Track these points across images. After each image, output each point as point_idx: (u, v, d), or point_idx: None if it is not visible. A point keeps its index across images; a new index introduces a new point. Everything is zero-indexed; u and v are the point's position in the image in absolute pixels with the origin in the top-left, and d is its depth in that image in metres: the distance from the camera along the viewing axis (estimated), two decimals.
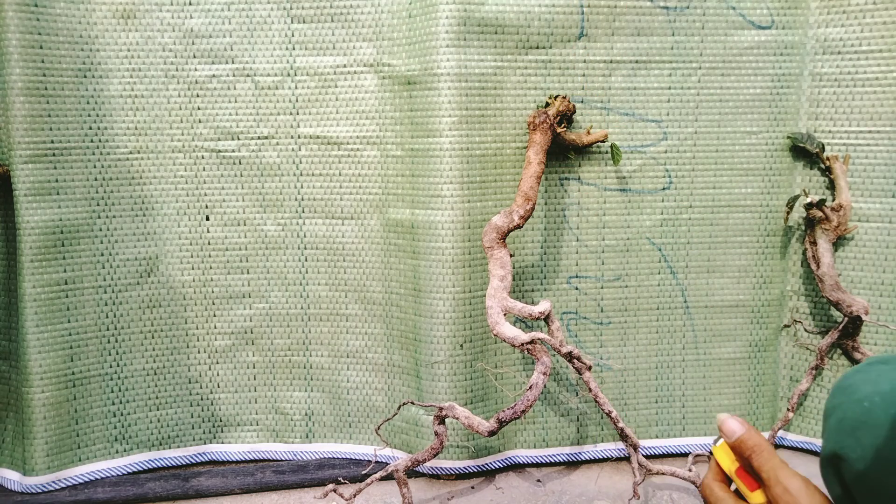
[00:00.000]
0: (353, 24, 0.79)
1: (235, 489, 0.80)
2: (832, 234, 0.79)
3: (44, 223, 0.76)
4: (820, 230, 0.80)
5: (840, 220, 0.79)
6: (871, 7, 0.77)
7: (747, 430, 0.47)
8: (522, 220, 0.73)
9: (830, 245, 0.79)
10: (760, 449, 0.46)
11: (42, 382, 0.76)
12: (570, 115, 0.78)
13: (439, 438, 0.70)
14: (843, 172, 0.80)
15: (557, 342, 0.71)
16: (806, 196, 0.79)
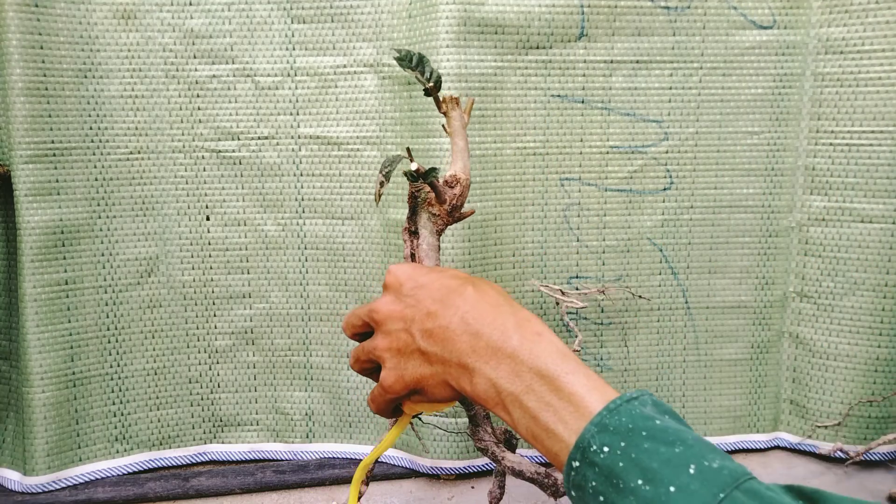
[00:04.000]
0: (353, 24, 0.79)
1: (236, 489, 0.80)
2: (441, 223, 0.52)
3: (44, 223, 0.76)
4: (426, 215, 0.53)
5: (456, 200, 0.52)
6: (873, 6, 0.77)
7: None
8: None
9: (436, 239, 0.53)
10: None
11: (42, 382, 0.77)
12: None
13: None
14: (462, 126, 0.52)
15: None
16: (411, 159, 0.51)
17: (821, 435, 0.85)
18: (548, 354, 0.37)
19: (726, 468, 0.30)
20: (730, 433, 0.87)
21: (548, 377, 0.36)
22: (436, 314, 0.41)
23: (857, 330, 0.82)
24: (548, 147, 0.81)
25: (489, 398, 0.38)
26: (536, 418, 0.36)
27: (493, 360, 0.38)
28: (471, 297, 0.41)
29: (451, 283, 0.43)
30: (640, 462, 0.31)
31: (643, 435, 0.32)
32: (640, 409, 0.33)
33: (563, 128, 0.81)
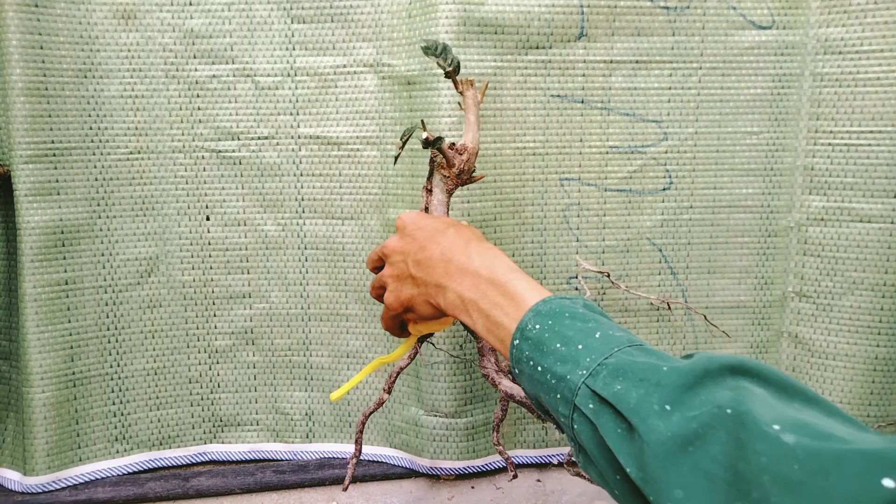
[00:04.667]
0: (353, 24, 0.79)
1: (236, 489, 0.80)
2: (451, 184, 0.63)
3: (44, 223, 0.76)
4: (439, 176, 0.63)
5: (464, 165, 0.62)
6: (872, 7, 0.77)
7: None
8: None
9: (446, 197, 0.64)
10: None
11: (42, 382, 0.77)
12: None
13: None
14: (475, 104, 0.63)
15: None
16: (424, 129, 0.60)
17: None
18: (499, 268, 0.48)
19: (626, 335, 0.39)
20: None
21: (498, 283, 0.47)
22: (424, 248, 0.53)
23: (856, 329, 0.82)
24: (547, 147, 0.81)
25: (456, 307, 0.49)
26: (489, 316, 0.46)
27: (458, 278, 0.49)
28: (450, 235, 0.53)
29: (439, 225, 0.55)
30: (560, 332, 0.40)
31: (566, 315, 0.41)
32: (567, 302, 0.43)
33: (562, 128, 0.81)
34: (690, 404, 0.32)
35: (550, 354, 0.40)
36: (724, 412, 0.30)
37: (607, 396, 0.35)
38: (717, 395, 0.32)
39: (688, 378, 0.33)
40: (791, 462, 0.26)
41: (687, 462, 0.30)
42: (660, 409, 0.32)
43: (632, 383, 0.35)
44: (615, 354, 0.37)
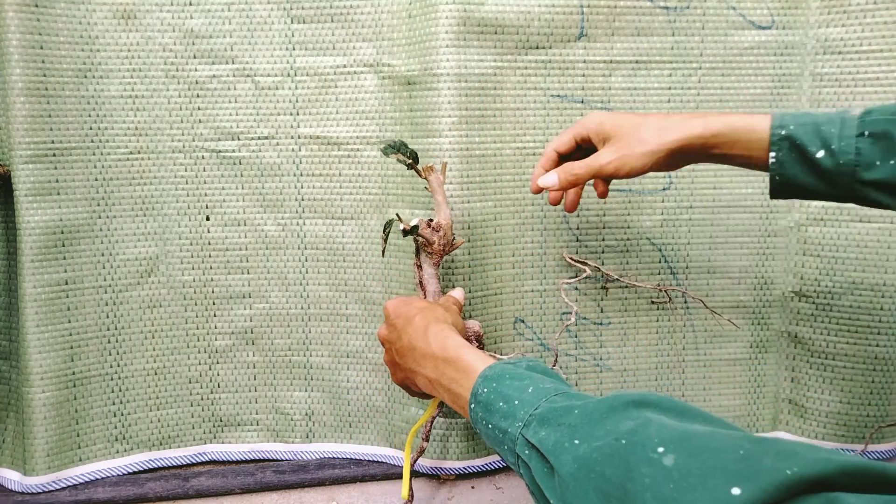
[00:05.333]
0: (353, 24, 0.79)
1: (236, 489, 0.80)
2: (436, 258, 0.71)
3: (44, 223, 0.76)
4: (424, 254, 0.71)
5: (443, 240, 0.70)
6: (871, 7, 0.77)
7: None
8: None
9: (435, 270, 0.71)
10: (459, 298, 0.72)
11: (42, 382, 0.77)
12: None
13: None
14: (440, 185, 0.70)
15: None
16: (400, 221, 0.69)
17: (820, 435, 0.85)
18: (450, 346, 0.56)
19: (554, 386, 0.47)
20: None
21: (451, 360, 0.54)
22: (400, 337, 0.62)
23: (856, 329, 0.82)
24: None
25: (427, 387, 0.58)
26: (450, 389, 0.54)
27: (423, 362, 0.58)
28: (416, 322, 0.60)
29: (410, 312, 0.62)
30: (502, 392, 0.48)
31: (507, 377, 0.49)
32: (510, 366, 0.51)
33: (562, 128, 0.81)
34: (596, 436, 0.37)
35: (496, 412, 0.47)
36: (620, 442, 0.35)
37: (535, 443, 0.42)
38: (619, 425, 0.37)
39: (594, 415, 0.39)
40: (668, 481, 0.32)
41: (591, 485, 0.35)
42: (570, 444, 0.38)
43: (552, 428, 0.41)
44: (542, 405, 0.44)
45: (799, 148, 0.55)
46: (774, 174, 0.56)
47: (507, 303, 0.82)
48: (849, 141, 0.53)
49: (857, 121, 0.54)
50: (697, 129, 0.60)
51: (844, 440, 0.84)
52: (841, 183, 0.54)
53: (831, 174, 0.54)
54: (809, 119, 0.55)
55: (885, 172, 0.52)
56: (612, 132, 0.63)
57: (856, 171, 0.53)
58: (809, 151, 0.54)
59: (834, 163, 0.53)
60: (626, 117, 0.64)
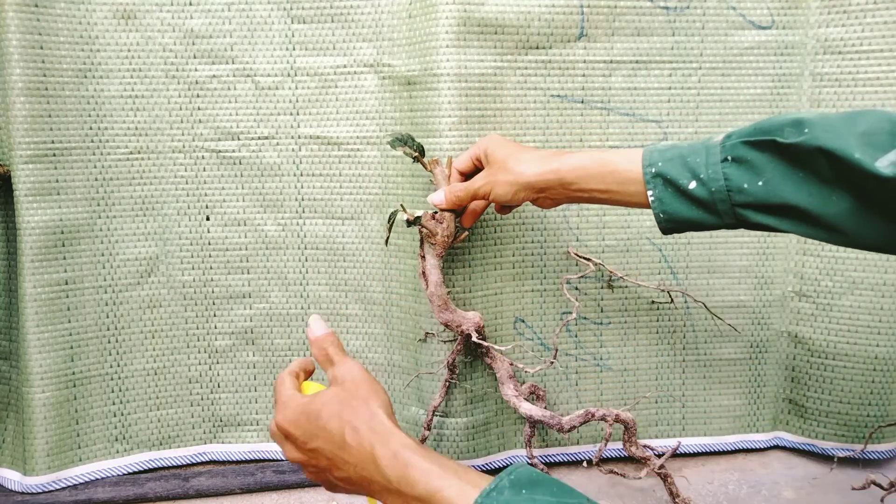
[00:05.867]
0: (353, 24, 0.79)
1: (236, 489, 0.80)
2: (439, 249, 0.71)
3: (44, 223, 0.76)
4: (427, 245, 0.71)
5: (446, 231, 0.70)
6: (871, 7, 0.77)
7: (329, 332, 0.57)
8: None
9: (438, 261, 0.71)
10: (337, 342, 0.56)
11: (42, 382, 0.77)
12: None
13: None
14: (444, 178, 0.71)
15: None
16: (404, 212, 0.69)
17: (820, 434, 0.85)
18: (420, 481, 0.43)
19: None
20: (729, 433, 0.87)
21: (424, 500, 0.43)
22: (336, 466, 0.47)
23: (856, 329, 0.82)
24: (547, 147, 0.81)
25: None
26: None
27: (387, 497, 0.45)
28: (352, 448, 0.47)
29: (332, 431, 0.48)
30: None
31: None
32: (494, 493, 0.41)
33: (562, 128, 0.81)
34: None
35: None
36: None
37: None
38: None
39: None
40: None
41: None
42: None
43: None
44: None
45: (672, 183, 0.54)
46: (658, 212, 0.56)
47: (507, 302, 0.82)
48: (715, 168, 0.52)
49: (719, 146, 0.53)
50: (553, 165, 0.61)
51: (844, 440, 0.84)
52: (722, 210, 0.53)
53: (709, 204, 0.53)
54: (676, 153, 0.55)
55: (757, 194, 0.51)
56: (491, 158, 0.66)
57: (730, 197, 0.52)
58: (682, 184, 0.54)
59: (707, 192, 0.53)
60: (506, 147, 0.66)
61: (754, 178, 0.51)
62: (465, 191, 0.68)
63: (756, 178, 0.51)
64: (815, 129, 0.48)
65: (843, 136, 0.47)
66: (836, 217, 0.49)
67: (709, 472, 0.85)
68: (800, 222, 0.50)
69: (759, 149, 0.51)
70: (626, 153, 0.58)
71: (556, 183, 0.61)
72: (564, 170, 0.60)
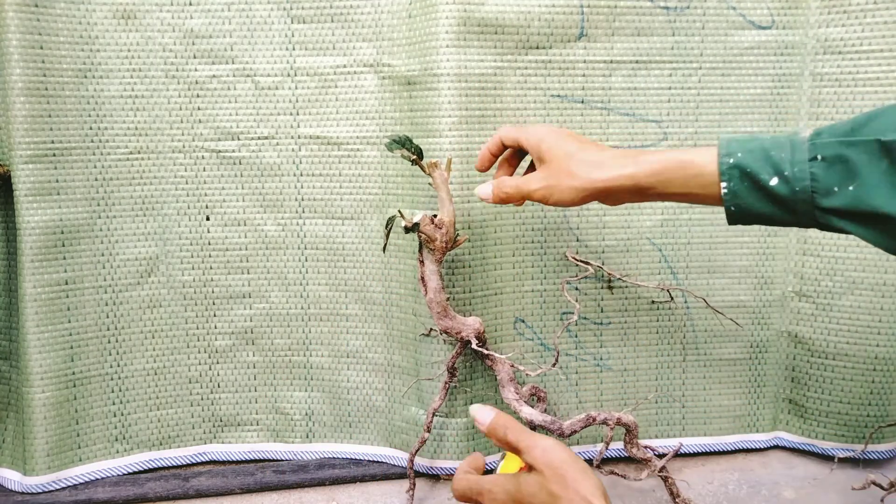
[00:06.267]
0: (353, 24, 0.79)
1: (236, 489, 0.80)
2: (438, 254, 0.69)
3: (44, 223, 0.76)
4: (426, 250, 0.70)
5: (445, 237, 0.68)
6: (871, 7, 0.77)
7: (497, 414, 0.55)
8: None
9: (437, 266, 0.70)
10: (511, 424, 0.54)
11: (42, 382, 0.77)
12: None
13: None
14: (444, 181, 0.69)
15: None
16: (402, 218, 0.68)
17: (820, 434, 0.85)
18: None
19: None
20: (729, 433, 0.87)
21: None
22: None
23: (856, 329, 0.82)
24: None
25: None
26: None
27: None
28: None
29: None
30: None
31: None
32: None
33: (562, 128, 0.81)
34: None
35: None
36: None
37: None
38: None
39: None
40: None
41: None
42: None
43: None
44: None
45: (750, 176, 0.51)
46: (729, 205, 0.52)
47: (507, 303, 0.83)
48: (802, 166, 0.49)
49: (807, 144, 0.50)
50: (628, 169, 0.56)
51: (844, 440, 0.84)
52: (801, 210, 0.50)
53: (789, 202, 0.50)
54: (757, 145, 0.51)
55: (845, 199, 0.47)
56: (546, 155, 0.61)
57: (814, 198, 0.49)
58: (762, 179, 0.50)
59: (790, 190, 0.49)
60: (564, 141, 0.60)
61: (846, 181, 0.47)
62: (516, 189, 0.63)
63: (848, 181, 0.47)
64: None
65: None
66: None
67: (709, 472, 0.85)
68: (887, 233, 0.47)
69: (858, 149, 0.47)
70: (705, 152, 0.53)
71: (632, 187, 0.56)
72: (642, 174, 0.55)
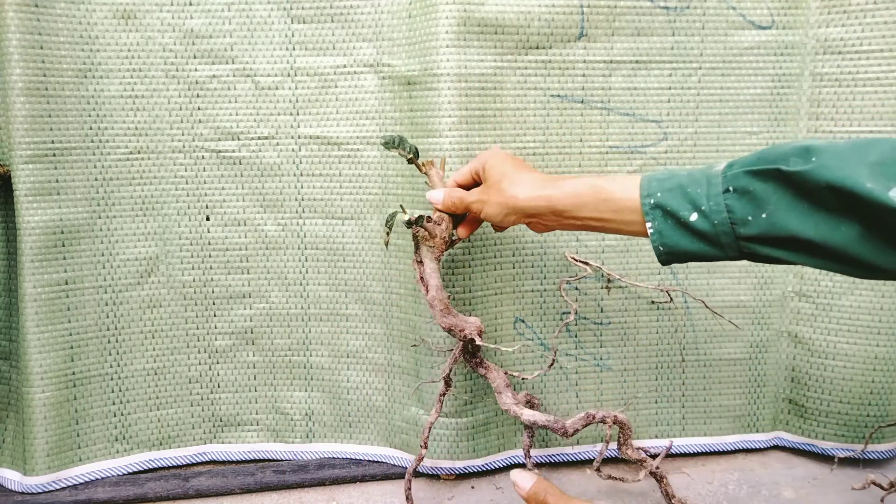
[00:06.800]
0: (353, 24, 0.79)
1: (236, 489, 0.80)
2: (437, 252, 0.69)
3: (44, 223, 0.76)
4: (425, 248, 0.69)
5: (444, 233, 0.69)
6: (871, 7, 0.77)
7: (537, 481, 0.58)
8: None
9: (437, 264, 0.70)
10: (551, 489, 0.57)
11: (42, 382, 0.77)
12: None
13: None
14: (439, 179, 0.70)
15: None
16: (404, 213, 0.68)
17: (820, 434, 0.85)
18: None
19: None
20: (729, 433, 0.87)
21: None
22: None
23: (856, 329, 0.82)
24: (547, 147, 0.81)
25: None
26: None
27: None
28: None
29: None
30: None
31: None
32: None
33: (562, 128, 0.81)
34: None
35: None
36: None
37: None
38: None
39: None
40: None
41: None
42: None
43: None
44: None
45: (672, 215, 0.52)
46: (657, 245, 0.53)
47: (507, 303, 0.83)
48: (717, 199, 0.50)
49: (720, 176, 0.51)
50: (546, 191, 0.59)
51: (844, 440, 0.84)
52: (725, 243, 0.51)
53: (712, 237, 0.51)
54: (675, 182, 0.52)
55: (762, 227, 0.48)
56: (487, 174, 0.64)
57: (734, 229, 0.50)
58: (682, 216, 0.51)
59: (709, 224, 0.50)
60: (504, 165, 0.63)
61: (758, 210, 0.49)
62: (460, 200, 0.67)
63: (760, 209, 0.48)
64: (822, 157, 0.46)
65: (853, 165, 0.45)
66: (846, 247, 0.46)
67: (709, 471, 0.85)
68: (808, 254, 0.48)
69: (762, 178, 0.49)
70: (622, 180, 0.56)
71: (548, 210, 0.59)
72: (556, 197, 0.58)
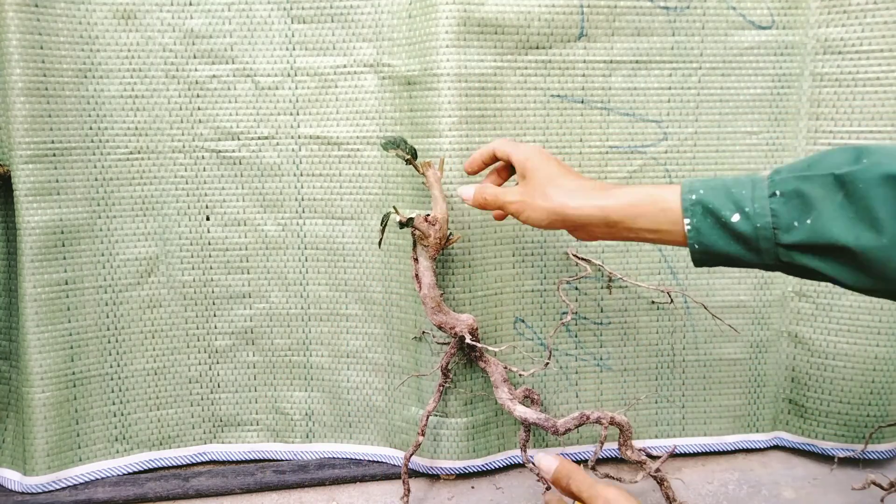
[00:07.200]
0: (353, 24, 0.79)
1: (236, 489, 0.80)
2: (432, 251, 0.71)
3: (44, 223, 0.76)
4: (420, 247, 0.71)
5: (438, 234, 0.70)
6: (871, 7, 0.77)
7: (560, 462, 0.57)
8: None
9: (431, 263, 0.71)
10: (575, 473, 0.56)
11: (42, 382, 0.77)
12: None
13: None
14: (437, 181, 0.71)
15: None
16: (397, 214, 0.69)
17: (820, 434, 0.85)
18: None
19: None
20: (729, 433, 0.87)
21: None
22: None
23: (856, 329, 0.82)
24: (547, 147, 0.81)
25: None
26: None
27: None
28: None
29: None
30: None
31: None
32: None
33: (562, 128, 0.81)
34: None
35: None
36: None
37: None
38: None
39: None
40: None
41: None
42: None
43: None
44: None
45: (713, 213, 0.51)
46: (693, 242, 0.52)
47: (507, 302, 0.83)
48: (762, 202, 0.49)
49: (767, 181, 0.50)
50: (599, 201, 0.57)
51: (844, 440, 0.84)
52: (764, 248, 0.50)
53: (751, 239, 0.50)
54: (719, 183, 0.52)
55: (804, 233, 0.48)
56: (529, 173, 0.62)
57: (776, 235, 0.49)
58: (724, 216, 0.50)
59: (751, 226, 0.50)
60: (548, 164, 0.62)
61: (804, 215, 0.48)
62: (494, 198, 0.64)
63: (805, 214, 0.48)
64: (873, 156, 0.46)
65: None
66: (887, 256, 0.45)
67: (709, 472, 0.85)
68: (847, 265, 0.47)
69: (812, 182, 0.48)
70: (674, 189, 0.54)
71: (601, 221, 0.57)
72: (611, 207, 0.56)
